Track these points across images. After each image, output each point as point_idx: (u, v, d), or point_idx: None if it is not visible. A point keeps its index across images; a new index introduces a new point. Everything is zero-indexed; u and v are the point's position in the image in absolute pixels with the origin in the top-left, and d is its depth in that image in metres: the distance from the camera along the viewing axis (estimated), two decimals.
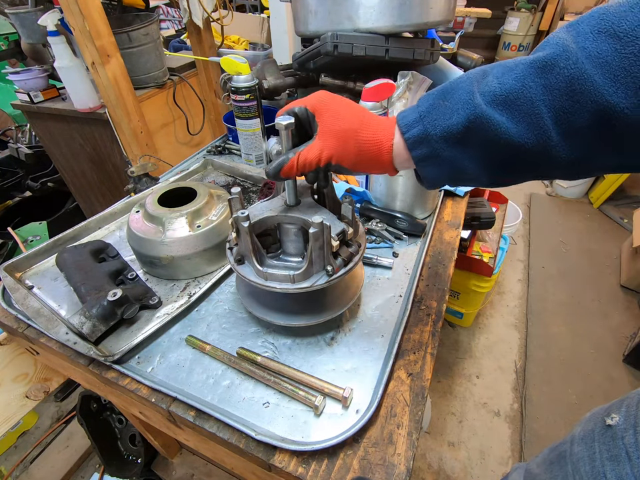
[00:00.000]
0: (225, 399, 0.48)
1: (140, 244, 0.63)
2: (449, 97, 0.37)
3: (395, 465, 0.42)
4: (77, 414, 1.03)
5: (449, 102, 0.36)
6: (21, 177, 1.82)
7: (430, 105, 0.38)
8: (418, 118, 0.38)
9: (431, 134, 0.37)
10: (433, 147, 0.37)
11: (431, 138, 0.37)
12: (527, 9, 3.67)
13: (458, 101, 0.35)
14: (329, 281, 0.47)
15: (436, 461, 1.29)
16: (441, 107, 0.37)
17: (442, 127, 0.36)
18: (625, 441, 0.45)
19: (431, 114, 0.37)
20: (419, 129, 0.38)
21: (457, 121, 0.35)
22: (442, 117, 0.36)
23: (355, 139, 0.40)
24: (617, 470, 0.45)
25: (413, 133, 0.38)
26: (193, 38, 1.58)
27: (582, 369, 1.54)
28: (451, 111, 0.36)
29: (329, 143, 0.41)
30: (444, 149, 0.37)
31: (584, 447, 0.51)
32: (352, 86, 1.03)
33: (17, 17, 1.33)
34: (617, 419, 0.47)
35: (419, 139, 0.38)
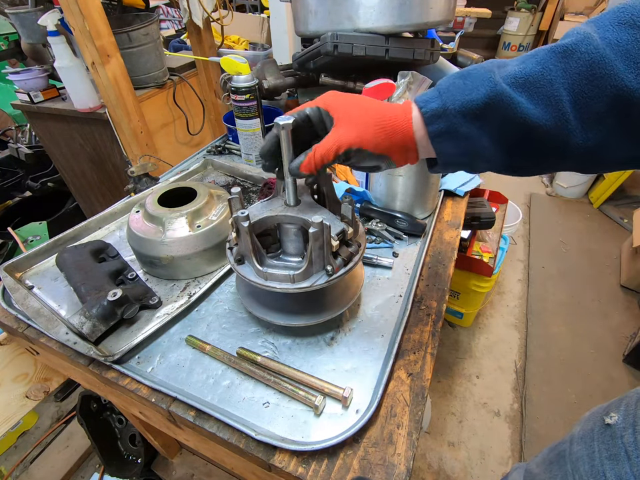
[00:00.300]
0: (225, 399, 0.48)
1: (140, 244, 0.63)
2: (468, 77, 0.37)
3: (395, 465, 0.42)
4: (77, 414, 1.03)
5: (468, 81, 0.37)
6: (21, 177, 1.82)
7: (450, 83, 0.38)
8: (437, 94, 0.38)
9: (449, 108, 0.37)
10: (450, 122, 0.37)
11: (449, 112, 0.37)
12: (527, 8, 3.67)
13: (478, 79, 0.36)
14: (328, 281, 0.47)
15: (436, 461, 1.29)
16: (460, 85, 0.37)
17: (461, 102, 0.36)
18: (624, 440, 0.45)
19: (449, 90, 0.37)
20: (437, 103, 0.37)
21: (477, 97, 0.35)
22: (461, 93, 0.36)
23: (374, 117, 0.40)
24: (616, 469, 0.45)
25: (430, 106, 0.38)
26: (192, 38, 1.58)
27: (582, 369, 1.54)
28: (470, 88, 0.36)
29: (346, 129, 0.40)
30: (461, 124, 0.37)
31: (583, 446, 0.51)
32: (352, 86, 1.03)
33: (17, 16, 1.33)
34: (615, 417, 0.47)
35: (436, 113, 0.37)
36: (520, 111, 0.34)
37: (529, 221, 2.40)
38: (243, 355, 0.52)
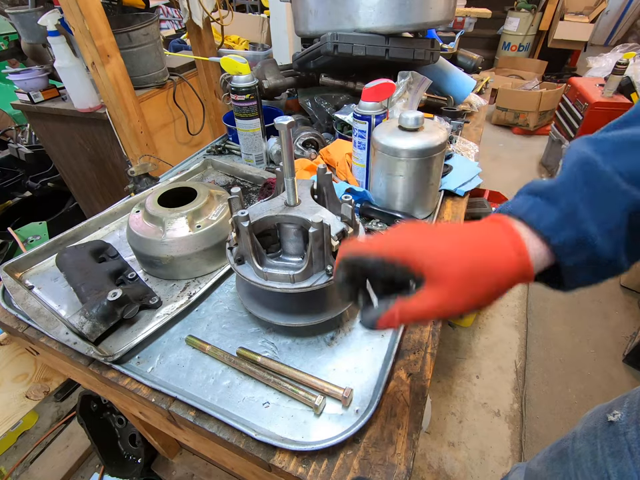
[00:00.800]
0: (224, 399, 0.48)
1: (140, 244, 0.63)
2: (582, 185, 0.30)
3: (395, 465, 0.42)
4: (77, 414, 1.03)
5: (592, 190, 0.29)
6: (21, 177, 1.82)
7: (572, 198, 0.30)
8: (564, 217, 0.30)
9: (591, 236, 0.29)
10: (593, 252, 0.29)
11: (592, 241, 0.29)
12: (527, 9, 3.67)
13: (606, 190, 0.29)
14: (328, 281, 0.47)
15: (436, 461, 1.29)
16: (587, 202, 0.29)
17: (600, 227, 0.29)
18: (627, 437, 0.45)
19: (580, 211, 0.29)
20: (573, 231, 0.29)
21: (616, 217, 0.29)
22: (595, 212, 0.29)
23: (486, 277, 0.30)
24: (619, 465, 0.45)
25: (565, 236, 0.30)
26: (193, 38, 1.58)
27: (582, 369, 1.54)
28: (602, 206, 0.29)
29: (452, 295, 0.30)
30: (606, 251, 0.29)
31: (586, 444, 0.51)
32: (352, 86, 1.03)
33: (17, 16, 1.34)
34: (618, 415, 0.47)
35: (575, 244, 0.29)
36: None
37: None
38: (243, 355, 0.52)
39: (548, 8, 3.61)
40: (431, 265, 0.31)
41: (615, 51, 2.94)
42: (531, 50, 3.95)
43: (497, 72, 3.83)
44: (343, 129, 1.02)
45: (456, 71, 1.17)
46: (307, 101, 1.07)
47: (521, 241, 0.31)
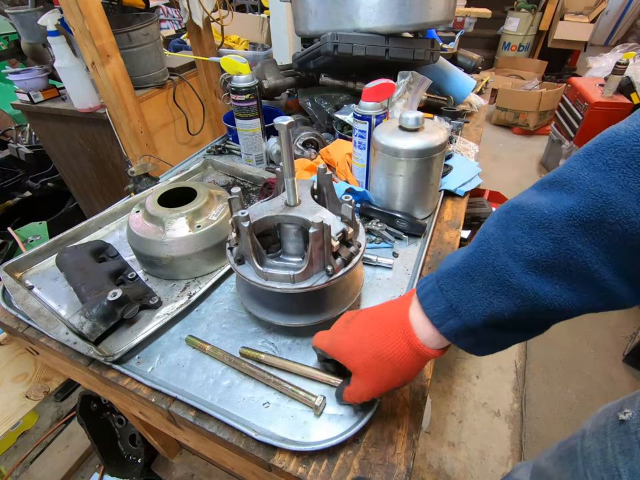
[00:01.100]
0: (225, 399, 0.48)
1: (140, 244, 0.63)
2: (476, 276, 0.32)
3: (395, 465, 0.42)
4: (77, 414, 1.03)
5: (478, 283, 0.32)
6: (21, 177, 1.82)
7: (459, 291, 0.33)
8: (448, 308, 0.34)
9: (472, 327, 0.33)
10: (477, 337, 0.34)
11: (475, 329, 0.33)
12: (527, 9, 3.67)
13: (492, 281, 0.31)
14: (329, 281, 0.47)
15: (436, 461, 1.29)
16: (472, 292, 0.32)
17: (483, 317, 0.32)
18: (638, 436, 0.44)
19: (463, 303, 0.32)
20: (455, 322, 0.33)
21: (501, 308, 0.31)
22: (479, 304, 0.32)
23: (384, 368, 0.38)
24: (630, 464, 0.45)
25: (450, 326, 0.34)
26: (193, 38, 1.58)
27: (582, 369, 1.54)
28: (487, 295, 0.31)
29: (363, 383, 0.40)
30: (491, 334, 0.33)
31: (595, 442, 0.51)
32: (352, 86, 1.03)
33: (17, 16, 1.34)
34: (630, 413, 0.47)
35: (459, 331, 0.34)
36: (551, 304, 0.29)
37: None
38: (246, 355, 0.52)
39: (548, 8, 3.61)
40: (344, 359, 0.41)
41: (615, 51, 2.94)
42: (531, 50, 3.95)
43: (497, 72, 3.83)
44: (343, 129, 1.02)
45: (456, 71, 1.17)
46: (307, 100, 1.07)
47: (410, 332, 0.37)
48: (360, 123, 0.77)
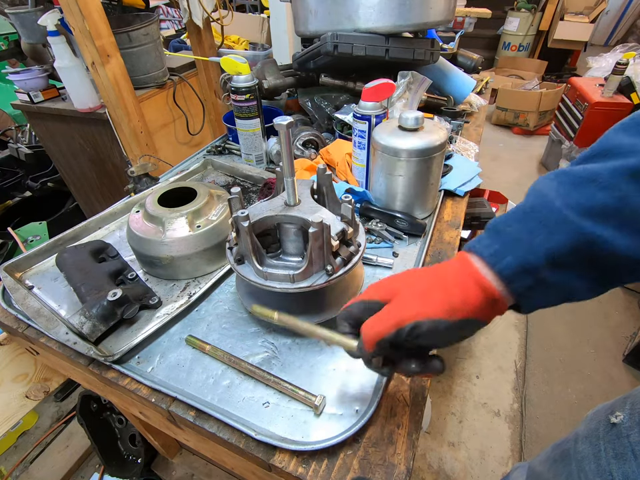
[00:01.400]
0: (225, 398, 0.48)
1: (140, 244, 0.63)
2: (533, 218, 0.32)
3: (395, 465, 0.42)
4: (77, 414, 1.03)
5: (535, 223, 0.31)
6: (21, 177, 1.82)
7: (515, 231, 0.32)
8: (505, 245, 0.32)
9: (531, 262, 0.31)
10: (537, 277, 0.32)
11: (532, 267, 0.31)
12: (527, 9, 3.67)
13: (551, 223, 0.31)
14: (328, 281, 0.47)
15: (436, 461, 1.29)
16: (529, 232, 0.32)
17: (543, 253, 0.31)
18: (630, 440, 0.45)
19: (521, 241, 0.32)
20: (514, 258, 0.32)
21: (558, 244, 0.30)
22: (537, 239, 0.31)
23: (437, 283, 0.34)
24: (623, 468, 0.45)
25: (507, 263, 0.32)
26: (193, 38, 1.59)
27: (582, 369, 1.54)
28: (546, 234, 0.31)
29: (405, 300, 0.34)
30: (550, 275, 0.31)
31: (588, 445, 0.51)
32: (352, 86, 1.03)
33: (17, 16, 1.34)
34: (621, 417, 0.47)
35: (518, 270, 0.32)
36: (608, 246, 0.29)
37: None
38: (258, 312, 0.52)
39: (548, 8, 3.61)
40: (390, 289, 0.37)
41: (615, 51, 2.94)
42: (531, 50, 3.95)
43: (497, 72, 3.83)
44: (343, 129, 1.02)
45: (456, 71, 1.17)
46: (307, 100, 1.07)
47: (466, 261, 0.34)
48: (360, 123, 0.77)
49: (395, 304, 0.35)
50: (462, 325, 0.33)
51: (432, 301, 0.33)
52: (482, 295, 0.33)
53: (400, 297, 0.35)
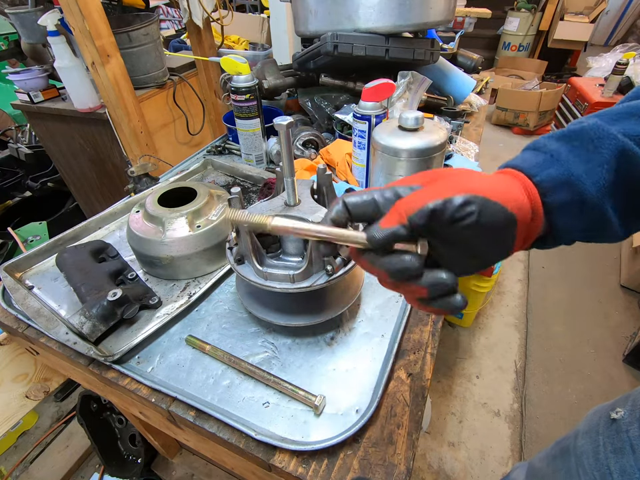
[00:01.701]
0: (225, 398, 0.48)
1: (140, 244, 0.63)
2: (577, 138, 0.31)
3: (395, 465, 0.42)
4: (77, 414, 1.03)
5: (579, 142, 0.30)
6: (21, 177, 1.82)
7: (556, 146, 0.31)
8: (549, 158, 0.31)
9: (574, 174, 0.29)
10: (577, 190, 0.29)
11: (575, 179, 0.29)
12: (527, 8, 3.67)
13: (595, 138, 0.30)
14: (328, 281, 0.47)
15: (436, 461, 1.29)
16: (572, 148, 0.30)
17: (586, 167, 0.29)
18: (629, 434, 0.45)
19: (564, 154, 0.30)
20: (556, 170, 0.30)
21: (602, 159, 0.29)
22: (581, 155, 0.30)
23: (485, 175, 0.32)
24: (620, 462, 0.45)
25: (549, 174, 0.30)
26: (193, 38, 1.58)
27: (582, 369, 1.54)
28: (589, 150, 0.30)
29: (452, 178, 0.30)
30: (591, 192, 0.29)
31: (588, 441, 0.52)
32: (352, 86, 1.03)
33: (17, 16, 1.34)
34: (622, 412, 0.48)
35: (558, 181, 0.30)
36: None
37: None
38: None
39: (548, 8, 3.61)
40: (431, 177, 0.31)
41: (615, 51, 2.94)
42: (531, 50, 3.95)
43: (497, 72, 3.83)
44: (343, 129, 1.02)
45: (456, 71, 1.17)
46: (307, 100, 1.07)
47: (507, 170, 0.32)
48: (360, 123, 0.77)
49: (439, 182, 0.29)
50: (510, 222, 0.28)
51: (485, 183, 0.29)
52: (527, 200, 0.30)
53: (444, 178, 0.30)
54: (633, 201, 0.30)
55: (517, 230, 0.29)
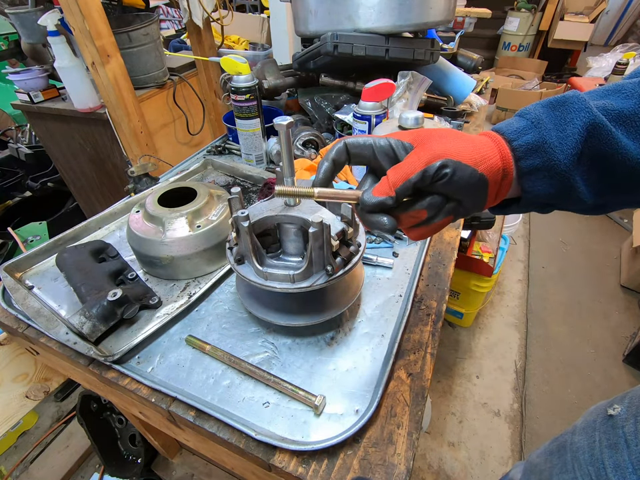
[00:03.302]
0: (224, 398, 0.48)
1: (140, 244, 0.63)
2: (558, 107, 0.33)
3: (395, 464, 0.42)
4: (77, 414, 1.03)
5: (559, 112, 0.33)
6: (21, 177, 1.82)
7: (539, 113, 0.34)
8: (529, 124, 0.34)
9: (547, 142, 0.32)
10: (547, 157, 0.33)
11: (547, 146, 0.33)
12: (527, 9, 3.67)
13: (572, 110, 0.32)
14: (328, 281, 0.47)
15: (436, 461, 1.29)
16: (552, 116, 0.33)
17: (558, 135, 0.32)
18: (624, 430, 0.45)
19: (544, 121, 0.33)
20: (533, 136, 0.33)
21: (574, 130, 0.32)
22: (558, 124, 0.33)
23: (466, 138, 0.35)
24: (615, 457, 0.45)
25: (526, 140, 0.33)
26: (192, 38, 1.59)
27: (582, 369, 1.54)
28: (565, 120, 0.32)
29: (437, 142, 0.34)
30: (559, 160, 0.32)
31: (584, 437, 0.52)
32: (352, 86, 1.03)
33: (17, 16, 1.34)
34: (618, 409, 0.48)
35: (532, 147, 0.33)
36: (620, 146, 0.31)
37: (528, 221, 2.40)
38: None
39: (548, 8, 3.61)
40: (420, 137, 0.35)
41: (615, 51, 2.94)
42: (531, 50, 3.95)
43: (497, 72, 3.83)
44: (343, 129, 1.02)
45: (456, 71, 1.17)
46: (307, 100, 1.07)
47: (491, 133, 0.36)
48: (360, 123, 0.77)
49: (425, 147, 0.34)
50: (481, 181, 0.34)
51: (462, 148, 0.34)
52: (500, 162, 0.34)
53: (430, 142, 0.34)
54: (604, 174, 0.33)
55: (488, 188, 0.34)
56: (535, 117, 0.34)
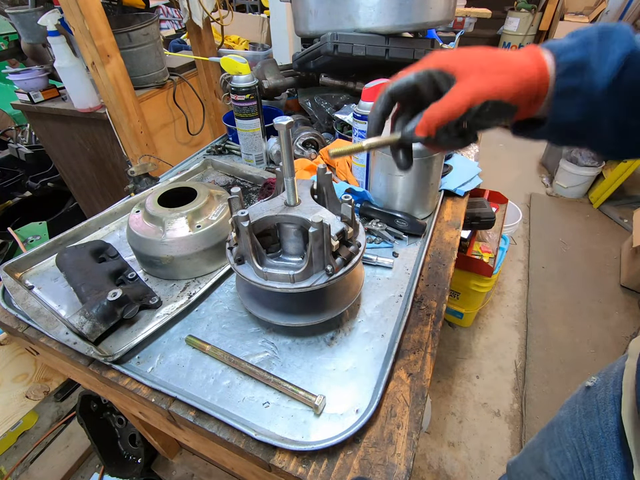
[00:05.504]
0: (224, 398, 0.48)
1: (140, 244, 0.63)
2: (606, 33, 0.34)
3: (395, 464, 0.42)
4: (77, 414, 1.03)
5: (605, 37, 0.33)
6: (21, 177, 1.82)
7: (592, 34, 0.34)
8: (578, 43, 0.34)
9: (590, 63, 0.33)
10: (585, 79, 0.33)
11: (589, 67, 0.33)
12: (527, 9, 3.67)
13: (616, 39, 0.33)
14: (328, 281, 0.47)
15: (436, 461, 1.29)
16: (604, 39, 0.33)
17: (600, 61, 0.33)
18: (597, 398, 0.48)
19: (596, 42, 0.33)
20: (579, 54, 0.34)
21: (614, 57, 0.32)
22: (601, 48, 0.33)
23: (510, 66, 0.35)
24: (590, 425, 0.48)
25: (571, 56, 0.34)
26: (192, 38, 1.58)
27: (582, 369, 1.54)
28: (608, 46, 0.33)
29: (479, 78, 0.35)
30: (596, 83, 0.33)
31: (567, 410, 0.55)
32: (352, 86, 1.03)
33: (17, 16, 1.33)
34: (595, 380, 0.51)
35: (575, 65, 0.34)
36: None
37: (528, 221, 2.40)
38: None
39: (548, 8, 3.61)
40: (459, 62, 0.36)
41: None
42: None
43: None
44: (343, 129, 1.02)
45: None
46: (307, 101, 1.07)
47: (536, 52, 0.36)
48: (360, 123, 0.77)
49: (468, 82, 0.35)
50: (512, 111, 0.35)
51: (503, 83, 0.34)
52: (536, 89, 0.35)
53: (472, 76, 0.35)
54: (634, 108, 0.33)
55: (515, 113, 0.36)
56: (586, 37, 0.34)
